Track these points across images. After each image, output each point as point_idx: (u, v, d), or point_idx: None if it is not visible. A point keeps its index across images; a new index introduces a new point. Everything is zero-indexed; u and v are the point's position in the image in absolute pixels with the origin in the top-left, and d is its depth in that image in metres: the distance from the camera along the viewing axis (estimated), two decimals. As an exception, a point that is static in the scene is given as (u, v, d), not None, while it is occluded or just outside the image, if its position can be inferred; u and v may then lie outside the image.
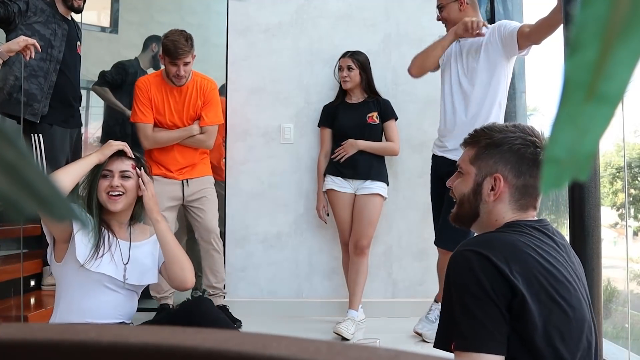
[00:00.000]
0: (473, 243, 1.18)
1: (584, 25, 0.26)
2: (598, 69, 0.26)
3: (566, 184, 0.27)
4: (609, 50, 0.26)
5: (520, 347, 1.11)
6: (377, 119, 3.22)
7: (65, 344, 0.30)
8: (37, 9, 2.88)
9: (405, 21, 3.54)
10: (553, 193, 2.75)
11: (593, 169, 1.56)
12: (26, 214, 0.26)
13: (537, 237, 1.20)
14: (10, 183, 0.26)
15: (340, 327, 2.91)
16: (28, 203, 0.26)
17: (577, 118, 0.27)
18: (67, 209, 0.28)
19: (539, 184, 1.27)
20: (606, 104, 0.27)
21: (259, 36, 3.58)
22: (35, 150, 2.85)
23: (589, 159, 0.27)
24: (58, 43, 2.95)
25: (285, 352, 0.29)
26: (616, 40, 0.26)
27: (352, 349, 0.30)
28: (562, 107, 0.26)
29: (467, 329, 1.10)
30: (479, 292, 1.10)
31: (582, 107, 0.27)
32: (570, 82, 0.26)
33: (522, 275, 1.11)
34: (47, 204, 0.27)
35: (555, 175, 0.27)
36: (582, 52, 0.26)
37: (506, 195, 1.26)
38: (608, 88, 0.26)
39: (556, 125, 0.27)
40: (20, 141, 0.28)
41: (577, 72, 0.26)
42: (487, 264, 1.11)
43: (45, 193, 0.27)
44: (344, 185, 3.19)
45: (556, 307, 1.12)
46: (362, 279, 3.10)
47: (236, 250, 3.50)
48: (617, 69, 0.26)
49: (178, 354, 0.29)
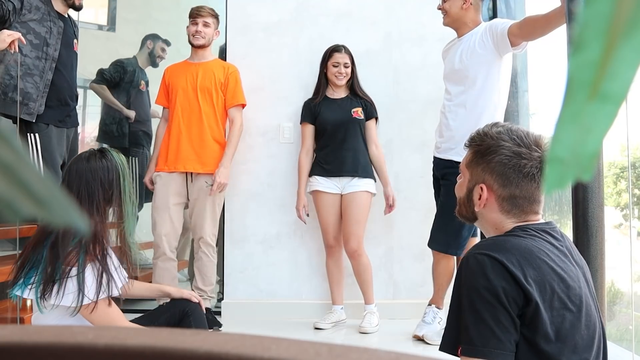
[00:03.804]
0: (487, 246, 1.17)
1: (587, 23, 0.25)
2: (601, 68, 0.26)
3: (569, 184, 0.27)
4: (612, 48, 0.26)
5: (529, 354, 1.10)
6: (362, 114, 3.20)
7: (61, 346, 0.30)
8: (32, 7, 2.87)
9: (406, 19, 3.53)
10: (556, 193, 2.74)
11: (596, 169, 1.56)
12: (22, 215, 0.26)
13: (549, 242, 1.20)
14: (7, 183, 0.26)
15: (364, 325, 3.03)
16: (24, 204, 0.26)
17: (580, 117, 0.26)
18: (64, 210, 0.28)
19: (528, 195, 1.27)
20: (610, 103, 0.26)
21: (258, 34, 3.57)
22: (31, 150, 2.84)
23: (593, 159, 0.27)
24: (54, 41, 2.94)
25: (285, 354, 0.29)
26: (620, 38, 0.25)
27: (353, 351, 0.30)
28: (566, 106, 0.26)
29: (476, 335, 1.09)
30: (490, 297, 1.09)
31: (585, 106, 0.26)
32: (574, 81, 0.26)
33: (536, 281, 1.10)
34: (44, 204, 0.27)
35: (559, 175, 0.27)
36: (585, 50, 0.26)
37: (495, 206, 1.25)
38: (611, 87, 0.26)
39: (559, 125, 0.26)
40: (17, 141, 0.27)
41: (581, 71, 0.26)
42: (501, 268, 1.10)
43: (42, 194, 0.27)
44: (329, 186, 3.16)
45: (568, 314, 1.11)
46: (368, 277, 3.14)
47: (235, 251, 3.49)
48: (621, 67, 0.26)
49: (176, 356, 0.29)
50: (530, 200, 1.22)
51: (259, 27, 3.57)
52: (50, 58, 2.93)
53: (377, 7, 3.56)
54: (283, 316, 3.35)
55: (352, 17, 3.57)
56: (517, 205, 1.23)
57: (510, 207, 1.24)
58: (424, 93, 3.45)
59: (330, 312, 3.17)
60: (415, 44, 3.52)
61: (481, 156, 1.26)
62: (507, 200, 1.23)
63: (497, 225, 1.27)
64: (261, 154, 3.52)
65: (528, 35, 2.56)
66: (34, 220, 1.02)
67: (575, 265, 1.20)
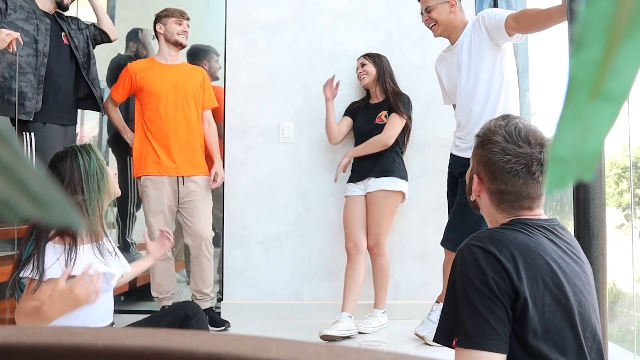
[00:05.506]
0: (482, 238, 1.17)
1: (589, 22, 0.25)
2: (603, 67, 0.26)
3: (571, 184, 0.27)
4: (614, 48, 0.25)
5: (519, 349, 1.10)
6: (386, 118, 3.19)
7: (60, 347, 0.30)
8: (17, 6, 2.88)
9: (406, 18, 3.52)
10: (557, 193, 2.74)
11: (598, 168, 1.56)
12: (21, 215, 0.26)
13: (548, 238, 1.20)
14: (5, 183, 0.26)
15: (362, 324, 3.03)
16: (23, 204, 0.26)
17: (581, 117, 0.26)
18: (63, 209, 0.28)
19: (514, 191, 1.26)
20: (611, 103, 0.26)
21: (258, 34, 3.56)
22: (26, 148, 2.83)
23: (594, 159, 0.27)
24: (42, 37, 2.94)
25: (285, 355, 0.29)
26: (621, 38, 0.25)
27: (353, 352, 0.29)
28: (567, 105, 0.26)
29: (471, 326, 1.09)
30: (484, 288, 1.10)
31: (586, 106, 0.26)
32: (575, 81, 0.26)
33: (528, 276, 1.10)
34: (43, 204, 0.27)
35: (560, 175, 0.26)
36: (587, 50, 0.26)
37: (487, 199, 1.27)
38: (613, 86, 0.26)
39: (561, 125, 0.26)
40: (15, 141, 0.27)
41: (582, 71, 0.26)
42: (494, 261, 1.11)
43: (40, 194, 0.27)
44: (353, 190, 3.22)
45: (561, 311, 1.11)
46: (380, 279, 3.15)
47: (235, 251, 3.49)
48: (622, 67, 0.26)
49: (176, 357, 0.29)
50: (519, 196, 1.22)
51: (258, 27, 3.56)
52: (41, 54, 2.92)
53: (378, 6, 3.56)
54: (283, 317, 3.35)
55: (352, 17, 3.56)
56: (505, 200, 1.24)
57: (499, 201, 1.25)
58: (425, 92, 3.44)
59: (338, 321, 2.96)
60: (416, 43, 3.51)
61: (477, 148, 1.28)
62: (495, 194, 1.25)
63: (491, 217, 1.29)
64: (261, 154, 3.52)
65: (525, 29, 2.54)
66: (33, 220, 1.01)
67: (576, 263, 1.20)
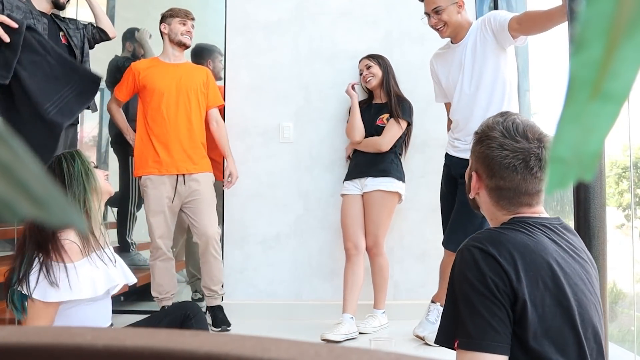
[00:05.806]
0: (481, 239, 1.16)
1: (589, 22, 0.25)
2: (603, 67, 0.26)
3: (571, 184, 0.27)
4: (614, 48, 0.25)
5: (519, 350, 1.09)
6: (387, 121, 3.19)
7: (60, 347, 0.30)
8: (13, 7, 2.87)
9: (406, 18, 3.52)
10: (558, 193, 2.73)
11: (598, 168, 1.56)
12: (21, 215, 0.26)
13: (549, 237, 1.18)
14: (5, 184, 0.26)
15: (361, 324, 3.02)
16: (23, 204, 0.26)
17: (582, 117, 0.26)
18: (63, 210, 0.28)
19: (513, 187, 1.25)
20: (611, 102, 0.26)
21: (258, 33, 3.56)
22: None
23: (595, 159, 0.27)
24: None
25: (285, 356, 0.29)
26: (622, 37, 0.25)
27: (353, 352, 0.29)
28: (567, 105, 0.26)
29: (472, 328, 1.08)
30: (484, 290, 1.09)
31: (587, 106, 0.26)
32: (575, 81, 0.26)
33: (527, 277, 1.09)
34: (43, 204, 0.27)
35: (560, 175, 0.26)
36: (587, 49, 0.26)
37: (486, 196, 1.26)
38: (613, 86, 0.26)
39: (561, 125, 0.26)
40: (15, 141, 0.27)
41: (582, 70, 0.26)
42: (493, 262, 1.10)
43: (40, 194, 0.27)
44: (350, 188, 3.21)
45: (560, 311, 1.11)
46: (379, 279, 3.16)
47: (235, 251, 3.49)
48: (623, 66, 0.26)
49: (175, 357, 0.29)
50: (517, 192, 1.20)
51: (258, 27, 3.56)
52: None
53: (378, 6, 3.56)
54: (283, 317, 3.35)
55: (352, 16, 3.56)
56: (503, 197, 1.22)
57: (498, 197, 1.23)
58: (425, 92, 3.43)
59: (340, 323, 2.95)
60: (416, 43, 3.51)
61: (475, 144, 1.27)
62: (494, 191, 1.23)
63: (491, 215, 1.28)
64: (261, 154, 3.52)
65: (527, 31, 2.54)
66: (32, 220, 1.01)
67: (578, 263, 1.18)
